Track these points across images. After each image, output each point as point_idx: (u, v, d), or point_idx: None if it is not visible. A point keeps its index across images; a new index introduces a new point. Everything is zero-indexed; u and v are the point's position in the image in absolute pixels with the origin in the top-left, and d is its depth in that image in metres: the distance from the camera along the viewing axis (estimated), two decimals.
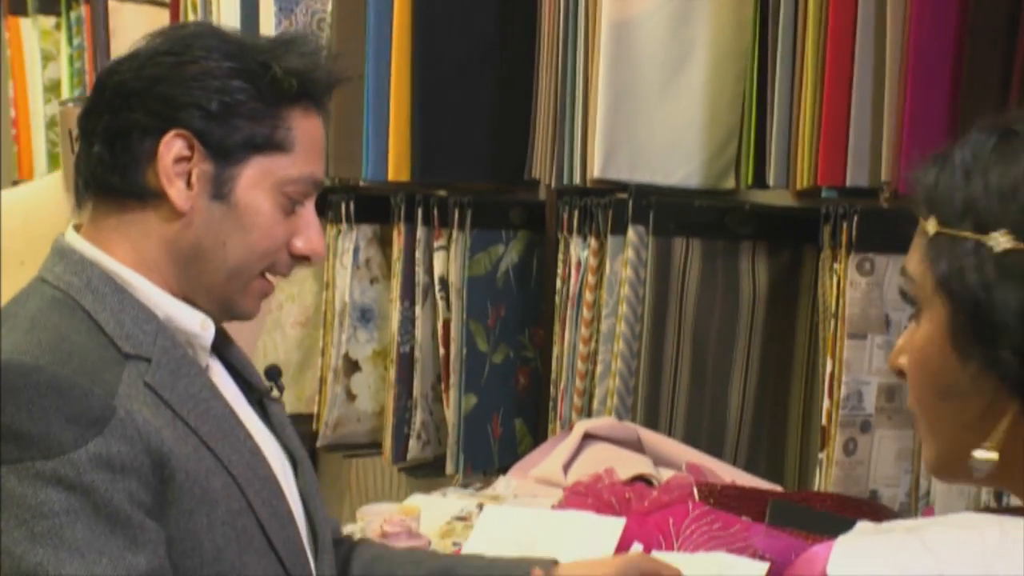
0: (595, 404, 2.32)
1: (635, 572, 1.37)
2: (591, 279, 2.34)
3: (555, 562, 1.40)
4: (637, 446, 2.07)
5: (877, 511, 1.79)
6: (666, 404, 2.28)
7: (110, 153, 1.14)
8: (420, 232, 2.66)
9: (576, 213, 2.37)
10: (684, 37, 2.33)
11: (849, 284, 1.96)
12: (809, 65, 2.04)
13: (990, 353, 0.76)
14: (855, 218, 1.96)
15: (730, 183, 2.38)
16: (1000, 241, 0.76)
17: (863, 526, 1.55)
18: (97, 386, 1.06)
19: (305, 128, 1.17)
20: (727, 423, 2.30)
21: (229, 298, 1.18)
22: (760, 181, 2.18)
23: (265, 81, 1.14)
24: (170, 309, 1.15)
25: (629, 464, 1.91)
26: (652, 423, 2.22)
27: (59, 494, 1.00)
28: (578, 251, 2.38)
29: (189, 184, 1.13)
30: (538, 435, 2.59)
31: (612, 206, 2.30)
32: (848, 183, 1.99)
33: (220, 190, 1.14)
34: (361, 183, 2.74)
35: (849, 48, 1.98)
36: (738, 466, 2.19)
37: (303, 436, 1.56)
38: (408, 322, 2.68)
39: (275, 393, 1.28)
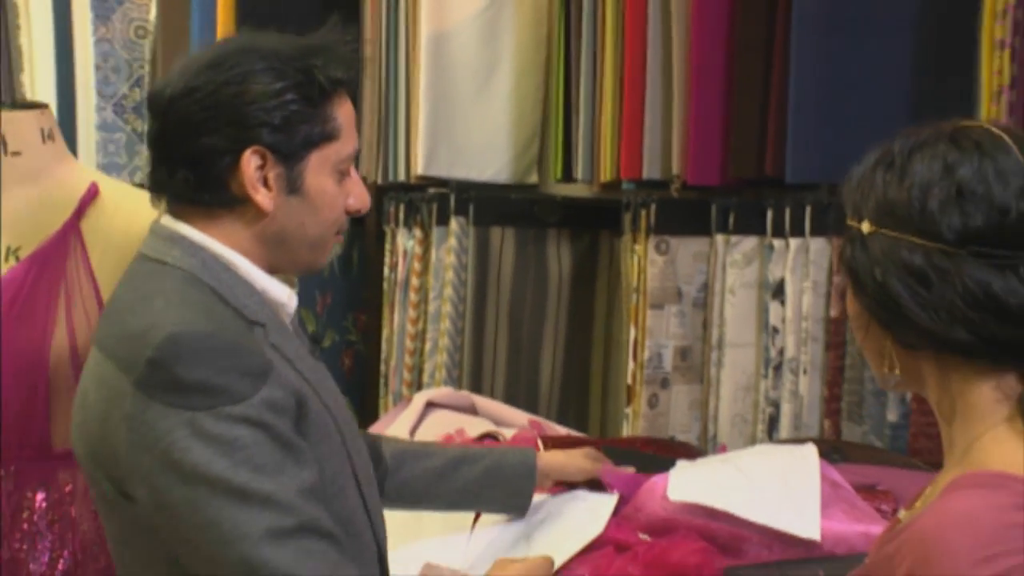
0: (424, 378, 2.59)
1: (599, 459, 1.76)
2: (417, 266, 2.60)
3: (534, 453, 1.73)
4: (472, 411, 2.34)
5: (688, 449, 2.14)
6: (488, 373, 2.58)
7: (195, 175, 1.30)
8: None
9: (402, 207, 2.62)
10: (492, 49, 2.63)
11: (649, 263, 2.31)
12: (608, 75, 2.38)
13: (864, 300, 1.09)
14: (652, 206, 2.31)
15: (534, 178, 2.70)
16: (865, 226, 1.08)
17: (682, 463, 1.88)
18: (253, 346, 1.27)
19: (344, 113, 1.35)
20: (540, 386, 2.63)
21: (311, 262, 1.39)
22: (567, 175, 2.51)
23: (311, 88, 1.31)
24: (265, 283, 1.34)
25: (474, 425, 2.18)
26: (476, 390, 2.51)
27: (247, 430, 1.22)
28: (404, 241, 2.63)
29: (268, 187, 1.31)
30: (365, 411, 2.82)
31: (436, 200, 2.56)
32: (645, 176, 2.34)
33: (293, 185, 1.32)
34: None
35: (642, 61, 2.34)
36: (549, 422, 2.51)
37: None
38: None
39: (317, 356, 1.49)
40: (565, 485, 1.80)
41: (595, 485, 1.79)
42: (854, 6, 2.16)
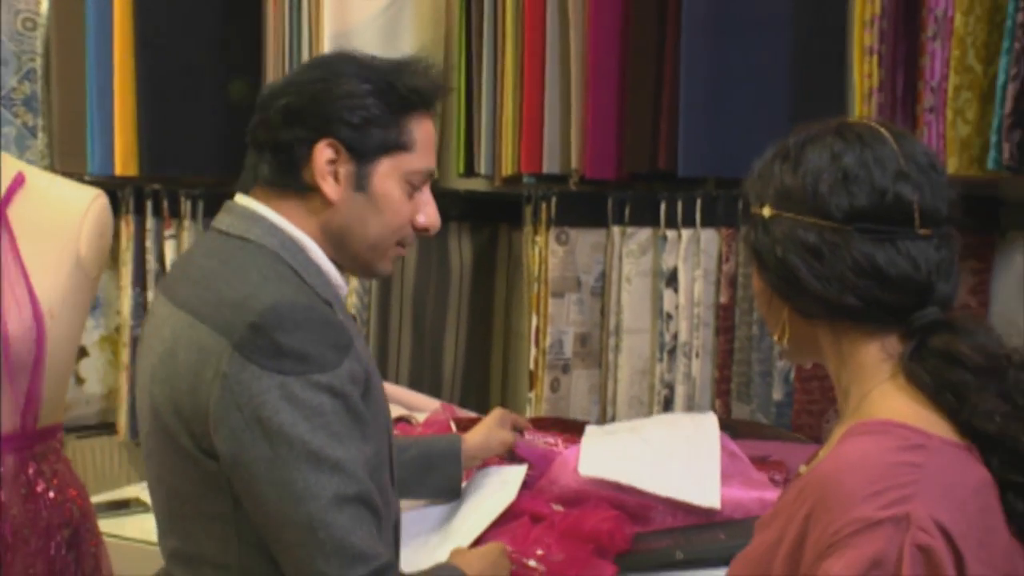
0: None
1: (508, 422, 1.87)
2: None
3: (459, 438, 1.83)
4: None
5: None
6: (393, 361, 2.66)
7: (277, 159, 1.42)
8: (150, 223, 2.84)
9: None
10: (392, 48, 2.69)
11: (550, 253, 2.42)
12: (509, 74, 2.48)
13: (767, 277, 1.23)
14: (553, 199, 2.42)
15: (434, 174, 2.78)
16: (766, 211, 1.22)
17: (592, 429, 2.00)
18: (339, 322, 1.37)
19: (422, 130, 1.44)
20: (443, 374, 2.72)
21: (370, 263, 1.47)
22: (470, 170, 2.60)
23: (392, 97, 1.41)
24: (328, 267, 1.44)
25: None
26: (382, 378, 2.58)
27: (329, 398, 1.32)
28: None
29: (337, 180, 1.40)
30: None
31: None
32: (544, 170, 2.45)
33: (360, 183, 1.41)
34: (86, 177, 2.86)
35: (541, 61, 2.45)
36: (456, 407, 2.60)
37: None
38: (140, 307, 2.86)
39: None
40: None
41: (507, 456, 1.90)
42: (738, 13, 2.31)
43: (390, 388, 2.42)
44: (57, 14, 2.92)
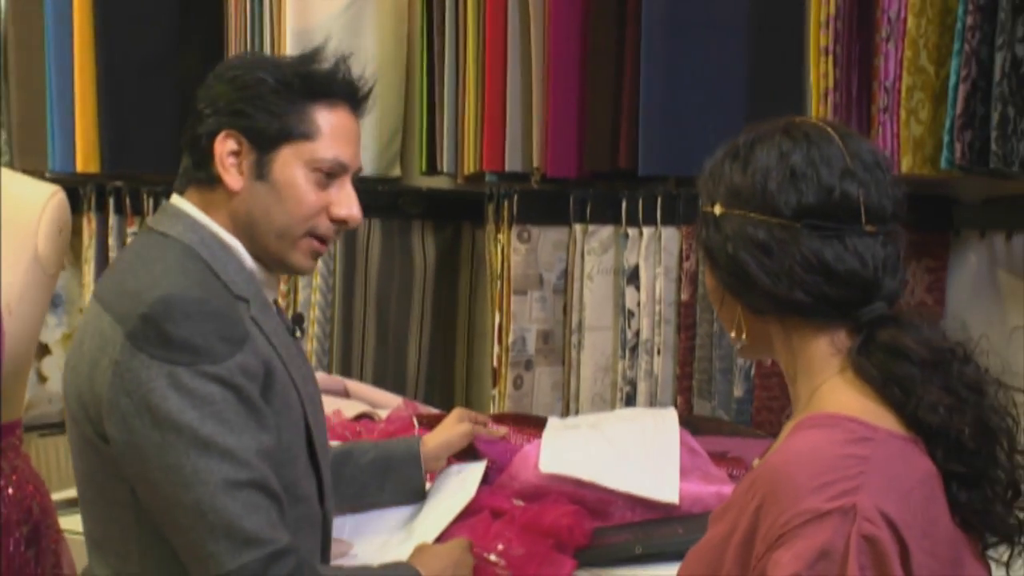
0: None
1: (469, 431, 1.88)
2: None
3: (419, 440, 1.84)
4: (344, 395, 2.42)
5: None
6: (357, 358, 2.67)
7: (192, 154, 1.49)
8: (112, 220, 2.83)
9: None
10: (354, 45, 2.68)
11: (512, 251, 2.43)
12: (471, 74, 2.50)
13: (718, 274, 1.25)
14: (515, 197, 2.43)
15: (397, 171, 2.79)
16: (716, 209, 1.24)
17: (554, 422, 2.01)
18: (235, 316, 1.40)
19: (329, 120, 1.47)
20: (407, 370, 2.73)
21: (282, 255, 1.49)
22: (432, 168, 2.61)
23: (293, 87, 1.45)
24: (251, 265, 1.48)
25: (350, 407, 2.27)
26: (346, 375, 2.59)
27: (219, 388, 1.36)
28: None
29: (240, 171, 1.44)
30: None
31: None
32: (507, 168, 2.47)
33: (261, 172, 1.45)
34: (48, 174, 2.85)
35: (503, 60, 2.46)
36: (419, 403, 2.61)
37: None
38: None
39: (298, 334, 1.59)
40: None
41: (469, 454, 1.91)
42: (697, 13, 2.33)
43: (353, 385, 2.43)
44: (14, 10, 2.90)
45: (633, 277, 2.40)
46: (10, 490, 1.66)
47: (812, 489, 1.10)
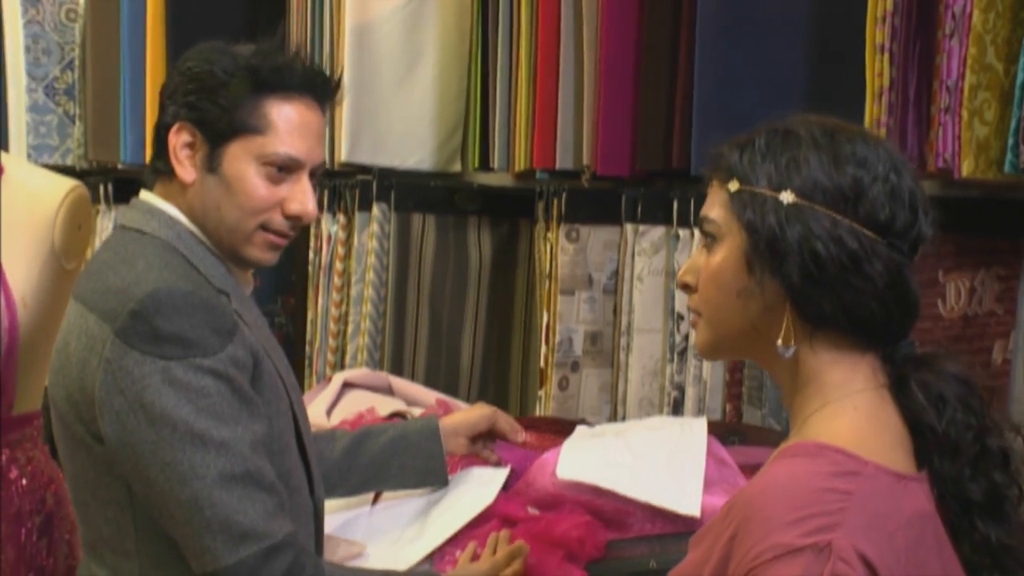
0: (347, 359, 2.66)
1: (491, 414, 1.85)
2: (341, 251, 2.68)
3: (436, 417, 1.82)
4: (388, 391, 2.42)
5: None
6: (409, 355, 2.66)
7: (155, 147, 1.51)
8: None
9: (326, 193, 2.69)
10: (415, 40, 2.69)
11: (560, 250, 2.40)
12: (523, 72, 2.46)
13: (778, 267, 1.13)
14: (564, 195, 2.39)
15: (457, 167, 2.78)
16: (788, 196, 1.14)
17: (581, 430, 1.97)
18: (224, 307, 1.41)
19: (282, 114, 1.47)
20: (460, 368, 2.71)
21: (235, 248, 1.50)
22: (485, 165, 2.59)
23: (245, 80, 1.46)
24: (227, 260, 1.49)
25: (386, 404, 2.26)
26: (398, 372, 2.59)
27: (213, 381, 1.37)
28: (328, 226, 2.70)
29: (194, 164, 1.46)
30: None
31: (358, 186, 2.63)
32: (557, 166, 2.43)
33: (211, 165, 1.46)
34: (120, 166, 2.92)
35: (555, 60, 2.42)
36: (470, 403, 2.59)
37: None
38: None
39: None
40: (470, 444, 1.86)
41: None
42: (754, 9, 2.25)
43: (397, 382, 2.42)
44: (94, 5, 2.97)
45: None
46: (23, 481, 1.70)
47: (787, 523, 1.04)
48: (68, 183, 1.74)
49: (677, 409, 2.36)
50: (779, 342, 1.16)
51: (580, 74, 2.40)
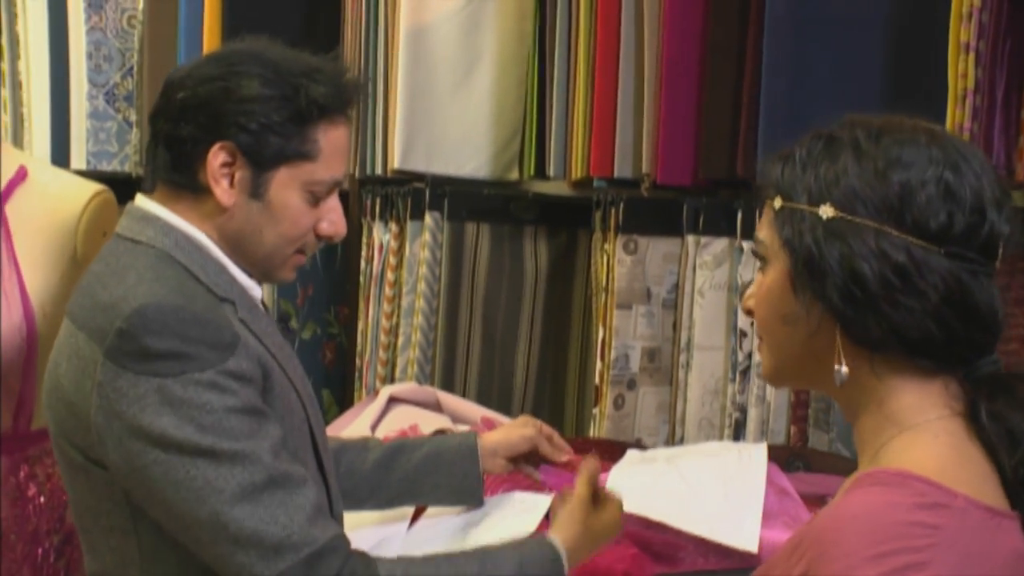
0: (397, 373, 2.58)
1: (533, 435, 1.71)
2: (392, 260, 2.60)
3: (475, 434, 1.71)
4: (436, 407, 2.33)
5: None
6: (460, 370, 2.57)
7: (171, 155, 1.38)
8: None
9: (378, 201, 2.62)
10: (473, 43, 2.60)
11: (617, 262, 2.29)
12: (581, 75, 2.36)
13: (819, 289, 1.04)
14: (621, 205, 2.29)
15: (514, 175, 2.68)
16: (827, 211, 1.04)
17: (631, 454, 1.86)
18: (221, 320, 1.32)
19: (329, 139, 1.39)
20: (514, 385, 2.61)
21: (269, 270, 1.43)
22: (541, 173, 2.49)
23: (296, 104, 1.36)
24: (231, 265, 1.40)
25: (430, 421, 2.18)
26: (449, 387, 2.50)
27: (215, 395, 1.27)
28: (380, 235, 2.62)
29: (232, 184, 1.36)
30: (344, 404, 2.82)
31: (411, 194, 2.55)
32: (616, 175, 2.32)
33: (256, 191, 1.37)
34: None
35: (615, 62, 2.32)
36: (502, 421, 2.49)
37: None
38: None
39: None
40: (512, 465, 1.75)
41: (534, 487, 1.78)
42: (825, 9, 2.13)
43: (443, 397, 2.34)
44: (151, 12, 2.95)
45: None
46: (42, 498, 1.64)
47: (867, 558, 0.94)
48: (93, 188, 1.68)
49: (739, 431, 2.24)
50: (837, 366, 1.05)
51: (640, 77, 2.30)
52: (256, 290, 1.44)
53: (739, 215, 2.23)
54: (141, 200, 1.42)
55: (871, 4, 2.10)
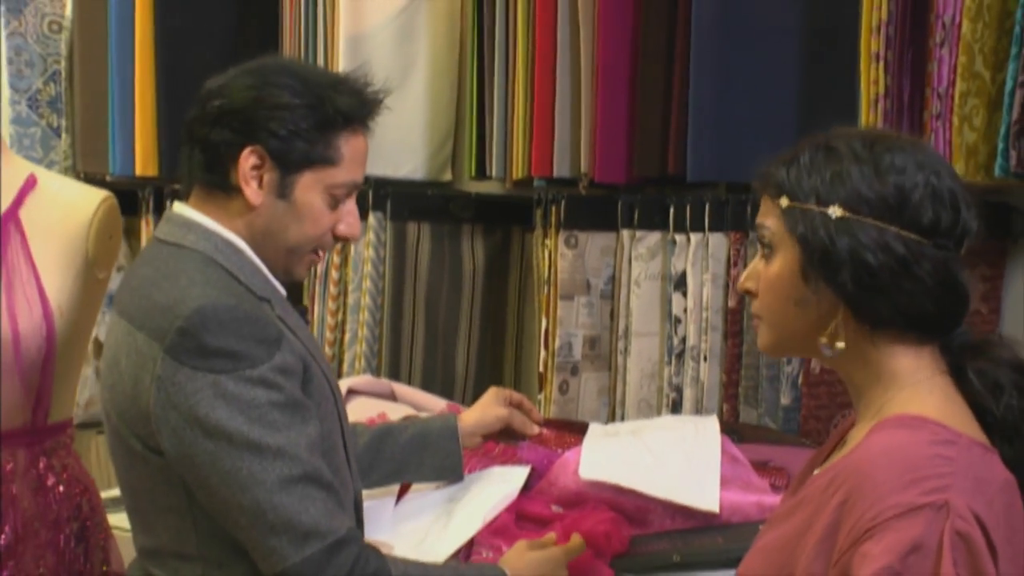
0: (345, 367, 2.68)
1: (504, 399, 1.87)
2: (336, 259, 2.69)
3: (455, 416, 1.85)
4: (391, 397, 2.44)
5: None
6: (406, 362, 2.69)
7: (205, 157, 1.49)
8: None
9: None
10: (407, 51, 2.72)
11: (559, 256, 2.44)
12: (520, 81, 2.50)
13: (832, 277, 1.21)
14: (562, 202, 2.44)
15: (448, 176, 2.81)
16: (836, 211, 1.21)
17: (594, 428, 2.01)
18: (266, 317, 1.43)
19: (351, 146, 1.51)
20: (456, 373, 2.74)
21: (289, 266, 1.53)
22: (481, 173, 2.62)
23: (321, 113, 1.47)
24: (264, 268, 1.51)
25: (394, 410, 2.29)
26: (395, 377, 2.61)
27: (263, 391, 1.40)
28: None
29: (260, 185, 1.47)
30: None
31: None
32: (555, 174, 2.47)
33: (283, 191, 1.48)
34: (108, 177, 2.91)
35: (552, 68, 2.46)
36: (466, 407, 2.62)
37: None
38: None
39: None
40: (489, 440, 1.90)
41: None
42: (748, 18, 2.31)
43: (400, 388, 2.45)
44: (81, 17, 2.96)
45: (680, 283, 2.39)
46: (60, 488, 1.71)
47: (903, 484, 1.12)
48: (100, 194, 1.76)
49: (675, 410, 2.41)
50: (823, 340, 1.25)
51: (577, 82, 2.45)
52: (282, 289, 1.55)
53: (671, 210, 2.40)
54: (180, 207, 1.52)
55: (790, 15, 2.29)
